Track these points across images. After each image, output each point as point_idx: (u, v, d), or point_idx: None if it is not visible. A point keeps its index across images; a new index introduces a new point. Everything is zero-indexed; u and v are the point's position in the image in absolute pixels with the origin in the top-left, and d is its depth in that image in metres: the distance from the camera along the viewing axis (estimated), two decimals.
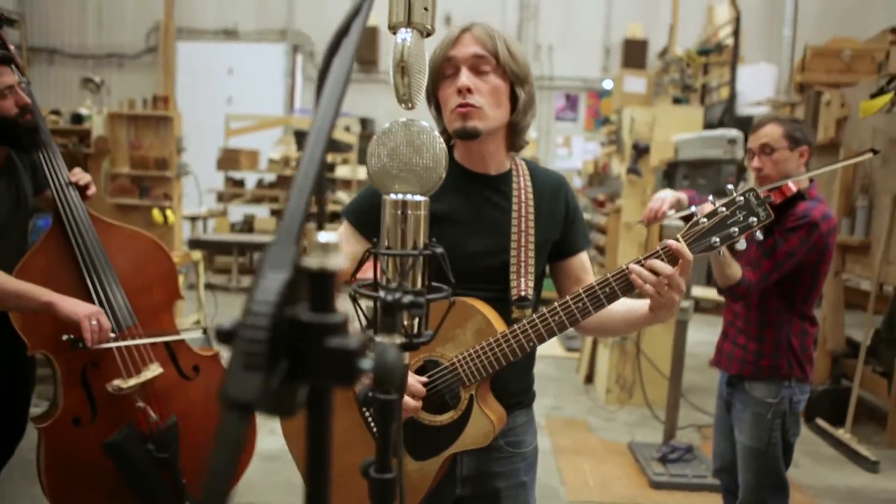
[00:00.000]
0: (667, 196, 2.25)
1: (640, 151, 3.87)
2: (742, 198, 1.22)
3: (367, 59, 10.43)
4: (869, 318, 3.86)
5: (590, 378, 4.76)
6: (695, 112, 4.52)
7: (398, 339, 0.72)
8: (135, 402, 2.12)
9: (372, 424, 1.30)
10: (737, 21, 6.35)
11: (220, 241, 7.72)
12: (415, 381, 1.22)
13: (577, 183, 10.78)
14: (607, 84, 10.67)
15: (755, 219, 1.21)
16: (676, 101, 4.75)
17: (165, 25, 5.47)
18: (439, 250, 0.87)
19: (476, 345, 1.25)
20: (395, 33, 0.83)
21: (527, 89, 1.32)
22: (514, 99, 1.31)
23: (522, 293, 1.31)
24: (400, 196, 0.80)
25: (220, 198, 8.61)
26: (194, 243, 7.21)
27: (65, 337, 1.96)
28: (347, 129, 9.09)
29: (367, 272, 1.36)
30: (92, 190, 2.20)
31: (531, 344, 1.23)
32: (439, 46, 1.30)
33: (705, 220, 1.22)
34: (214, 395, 2.40)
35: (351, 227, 1.35)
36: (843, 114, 4.24)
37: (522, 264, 1.32)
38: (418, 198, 0.80)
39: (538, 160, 11.00)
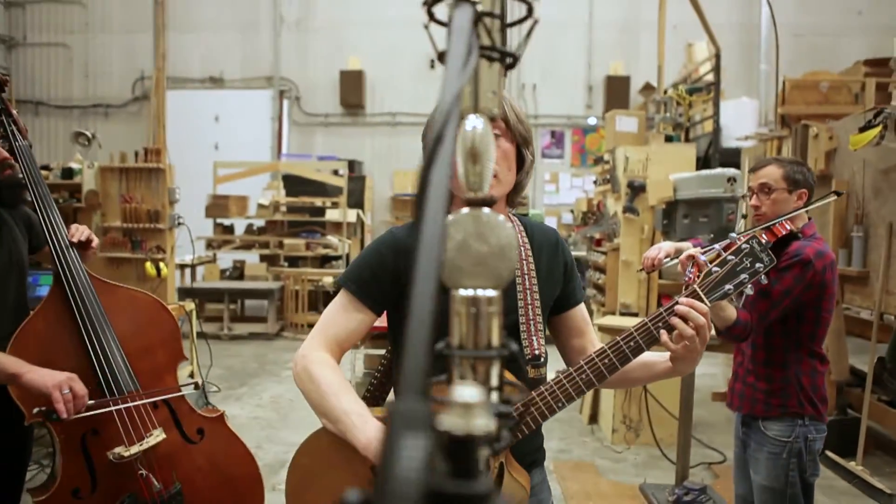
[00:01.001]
0: (663, 246, 2.30)
1: (637, 190, 3.89)
2: (747, 245, 1.25)
3: (353, 103, 10.52)
4: (872, 347, 3.85)
5: (594, 417, 4.69)
6: (688, 149, 4.57)
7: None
8: (136, 470, 2.04)
9: None
10: (717, 57, 6.49)
11: (212, 288, 7.63)
12: None
13: (567, 219, 10.85)
14: (591, 120, 10.84)
15: (761, 264, 1.25)
16: (668, 138, 4.81)
17: (157, 78, 5.47)
18: (515, 347, 0.84)
19: None
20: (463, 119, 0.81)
21: (531, 150, 1.33)
22: (519, 160, 1.31)
23: (536, 352, 1.29)
24: (471, 292, 0.76)
25: (210, 245, 8.54)
26: (186, 292, 7.11)
27: (36, 410, 1.86)
28: (336, 172, 9.12)
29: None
30: (95, 242, 2.16)
31: (560, 405, 1.21)
32: None
33: (717, 269, 1.23)
34: (220, 458, 2.32)
35: (350, 296, 1.32)
36: (832, 146, 4.31)
37: (532, 322, 1.30)
38: (490, 293, 0.77)
39: (527, 198, 11.08)
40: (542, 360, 1.30)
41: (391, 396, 1.49)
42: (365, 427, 1.18)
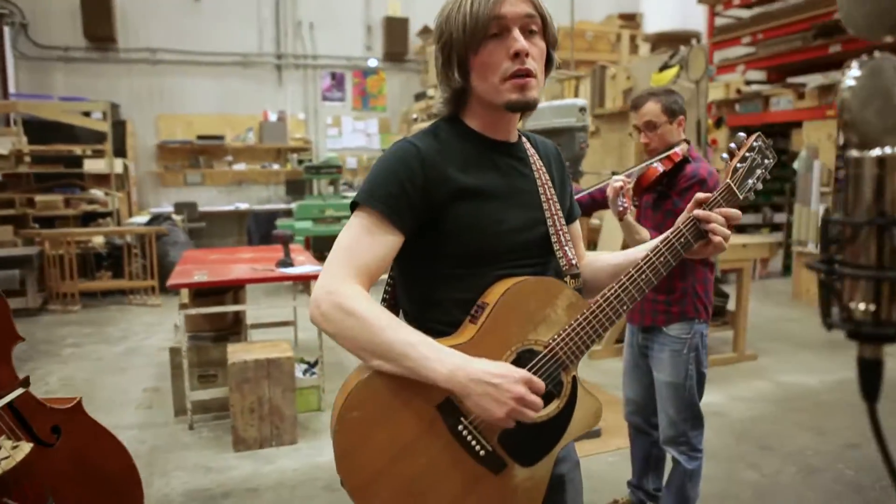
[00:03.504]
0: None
1: None
2: (757, 144, 1.31)
3: (101, 35, 9.00)
4: None
5: None
6: None
7: None
8: None
9: (469, 439, 1.10)
10: None
11: None
12: (527, 374, 1.06)
13: (352, 163, 10.67)
14: (372, 62, 10.66)
15: (769, 161, 1.31)
16: None
17: None
18: None
19: (571, 321, 1.15)
20: None
21: (556, 53, 1.22)
22: (547, 62, 1.21)
23: (573, 262, 1.23)
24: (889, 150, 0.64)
25: None
26: None
27: None
28: (87, 114, 7.78)
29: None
30: None
31: (624, 308, 1.17)
32: (476, 2, 1.11)
33: (741, 165, 1.28)
34: (87, 456, 1.87)
35: (376, 216, 1.12)
36: (629, 85, 4.75)
37: (560, 234, 1.24)
38: None
39: (310, 143, 10.63)
40: (578, 271, 1.24)
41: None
42: (441, 356, 1.04)
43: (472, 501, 1.11)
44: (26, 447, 1.62)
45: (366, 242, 1.11)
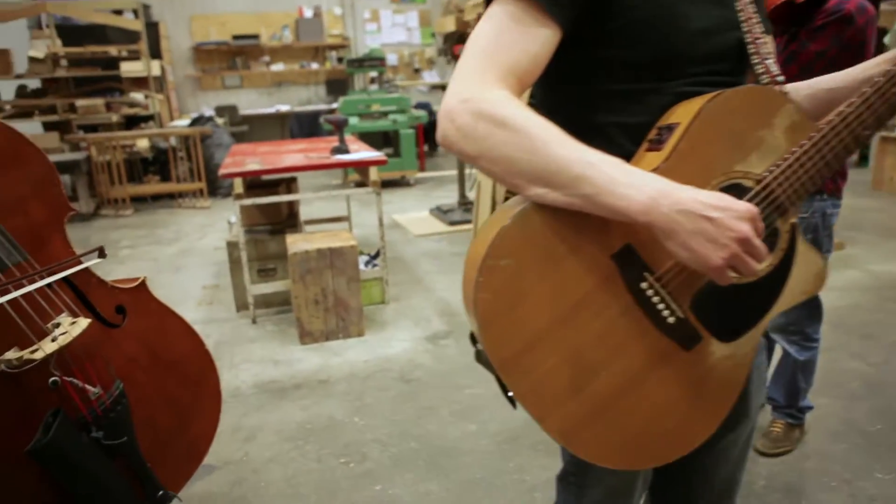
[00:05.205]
0: None
1: None
2: None
3: None
4: None
5: None
6: None
7: None
8: (49, 379, 1.40)
9: (656, 301, 0.85)
10: None
11: None
12: (753, 208, 0.76)
13: (393, 60, 10.17)
14: None
15: None
16: None
17: None
18: None
19: (794, 149, 0.84)
20: None
21: None
22: None
23: (778, 77, 0.92)
24: None
25: None
26: None
27: None
28: (119, 13, 7.43)
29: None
30: None
31: (867, 132, 0.85)
32: None
33: None
34: (154, 339, 1.72)
35: (526, 4, 0.82)
36: None
37: (758, 43, 0.91)
38: None
39: (348, 40, 10.13)
40: (786, 91, 0.94)
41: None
42: (635, 179, 0.75)
43: (652, 383, 0.87)
44: (84, 322, 1.46)
45: (513, 35, 0.81)
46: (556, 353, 0.82)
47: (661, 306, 0.85)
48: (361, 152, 3.69)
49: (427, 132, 8.63)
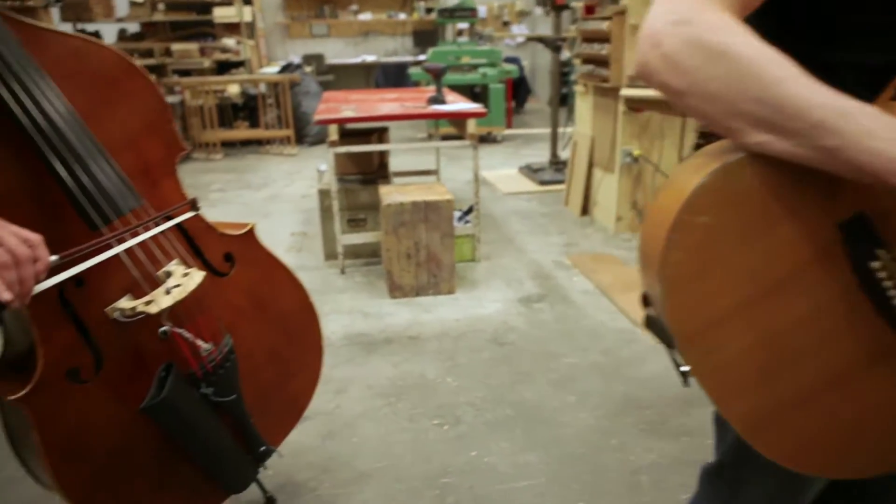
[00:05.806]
0: None
1: None
2: None
3: None
4: None
5: (585, 209, 4.34)
6: None
7: None
8: (158, 330, 1.34)
9: (888, 284, 0.68)
10: None
11: None
12: None
13: (482, 13, 9.83)
14: None
15: None
16: None
17: None
18: None
19: None
20: None
21: None
22: None
23: None
24: None
25: None
26: None
27: None
28: None
29: None
30: None
31: None
32: None
33: None
34: (261, 290, 1.67)
35: None
36: None
37: None
38: None
39: None
40: None
41: None
42: (878, 124, 0.59)
43: (866, 382, 0.71)
44: (199, 275, 1.39)
45: None
46: (750, 332, 0.68)
47: (893, 292, 0.68)
48: (460, 103, 3.53)
49: (516, 87, 8.34)
